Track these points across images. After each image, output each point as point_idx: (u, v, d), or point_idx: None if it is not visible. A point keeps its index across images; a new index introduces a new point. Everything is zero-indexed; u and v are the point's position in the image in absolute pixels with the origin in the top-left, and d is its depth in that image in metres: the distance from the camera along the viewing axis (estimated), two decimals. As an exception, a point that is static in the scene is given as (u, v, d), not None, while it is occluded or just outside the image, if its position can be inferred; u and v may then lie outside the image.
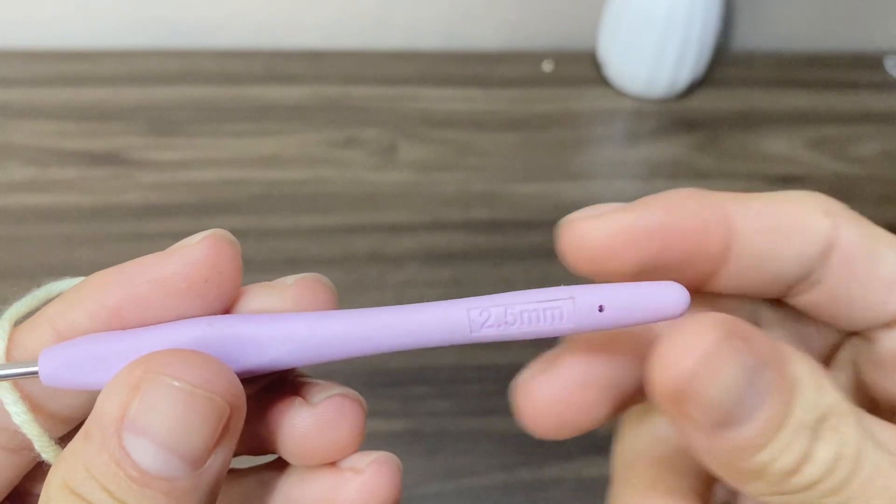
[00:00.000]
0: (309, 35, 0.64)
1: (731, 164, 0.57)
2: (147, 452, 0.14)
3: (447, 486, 0.39)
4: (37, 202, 0.50)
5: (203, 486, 0.15)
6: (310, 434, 0.17)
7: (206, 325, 0.16)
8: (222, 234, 0.16)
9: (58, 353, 0.16)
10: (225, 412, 0.15)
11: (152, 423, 0.14)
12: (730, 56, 0.66)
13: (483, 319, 0.17)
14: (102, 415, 0.14)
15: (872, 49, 0.68)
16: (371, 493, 0.17)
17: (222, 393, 0.15)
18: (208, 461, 0.15)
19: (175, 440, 0.14)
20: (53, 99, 0.57)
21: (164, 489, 0.14)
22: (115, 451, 0.14)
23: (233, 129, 0.56)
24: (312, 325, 0.16)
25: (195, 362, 0.15)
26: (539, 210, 0.52)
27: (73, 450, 0.15)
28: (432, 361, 0.43)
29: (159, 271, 0.16)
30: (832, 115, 0.61)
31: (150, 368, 0.14)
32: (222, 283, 0.16)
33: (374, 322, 0.16)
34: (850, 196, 0.55)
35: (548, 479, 0.39)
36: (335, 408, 0.17)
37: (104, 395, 0.15)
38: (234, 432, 0.15)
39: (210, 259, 0.16)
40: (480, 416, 0.42)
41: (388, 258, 0.48)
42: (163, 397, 0.14)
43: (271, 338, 0.16)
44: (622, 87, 0.61)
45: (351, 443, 0.17)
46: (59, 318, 0.17)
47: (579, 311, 0.16)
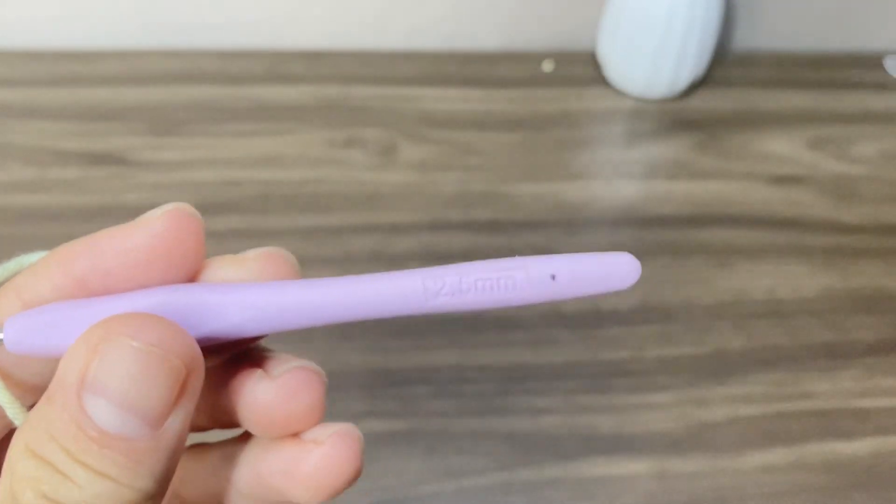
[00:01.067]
0: (309, 35, 0.64)
1: (731, 164, 0.57)
2: (106, 412, 0.14)
3: (447, 486, 0.39)
4: (37, 202, 0.50)
5: (162, 447, 0.15)
6: (270, 405, 0.17)
7: (166, 293, 0.16)
8: (184, 206, 0.17)
9: (22, 320, 0.16)
10: (181, 372, 0.15)
11: (110, 383, 0.14)
12: (730, 56, 0.66)
13: (438, 288, 0.17)
14: (64, 377, 0.15)
15: (872, 49, 0.68)
16: (331, 463, 0.17)
17: (178, 353, 0.15)
18: (167, 422, 0.15)
19: (132, 399, 0.14)
20: (53, 99, 0.57)
21: (122, 449, 0.14)
22: (75, 411, 0.14)
23: (233, 129, 0.56)
24: (271, 293, 0.17)
25: (152, 324, 0.15)
26: (539, 210, 0.52)
27: (36, 413, 0.15)
28: (432, 361, 0.44)
29: (123, 243, 0.16)
30: (832, 115, 0.61)
31: (109, 330, 0.15)
32: (185, 255, 0.17)
33: (332, 291, 0.17)
34: (850, 196, 0.55)
35: (548, 479, 0.39)
36: (295, 379, 0.17)
37: (65, 359, 0.15)
38: (191, 394, 0.15)
39: (172, 232, 0.16)
40: (480, 416, 0.41)
41: (388, 258, 0.48)
42: (120, 357, 0.15)
43: (231, 305, 0.16)
44: (622, 88, 0.61)
45: (311, 414, 0.17)
46: (25, 288, 0.17)
47: (532, 280, 0.17)
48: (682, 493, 0.39)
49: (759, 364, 0.45)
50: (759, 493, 0.40)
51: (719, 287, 0.48)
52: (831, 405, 0.43)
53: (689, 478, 0.40)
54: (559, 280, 0.17)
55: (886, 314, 0.48)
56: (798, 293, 0.48)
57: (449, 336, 0.45)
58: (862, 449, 0.42)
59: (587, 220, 0.52)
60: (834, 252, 0.51)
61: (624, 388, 0.43)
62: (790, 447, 0.41)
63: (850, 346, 0.46)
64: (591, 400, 0.43)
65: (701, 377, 0.44)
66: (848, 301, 0.48)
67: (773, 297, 0.48)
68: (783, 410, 0.43)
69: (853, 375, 0.45)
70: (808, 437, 0.42)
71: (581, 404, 0.42)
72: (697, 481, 0.40)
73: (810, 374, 0.44)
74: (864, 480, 0.40)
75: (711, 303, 0.47)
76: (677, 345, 0.45)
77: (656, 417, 0.42)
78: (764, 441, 0.41)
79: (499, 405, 0.42)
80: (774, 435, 0.42)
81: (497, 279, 0.17)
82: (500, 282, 0.17)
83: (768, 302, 0.48)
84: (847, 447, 0.42)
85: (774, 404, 0.43)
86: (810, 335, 0.46)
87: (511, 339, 0.45)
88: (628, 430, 0.42)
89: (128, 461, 0.14)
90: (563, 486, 0.39)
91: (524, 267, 0.17)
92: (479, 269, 0.17)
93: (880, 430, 0.42)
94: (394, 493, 0.38)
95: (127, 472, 0.15)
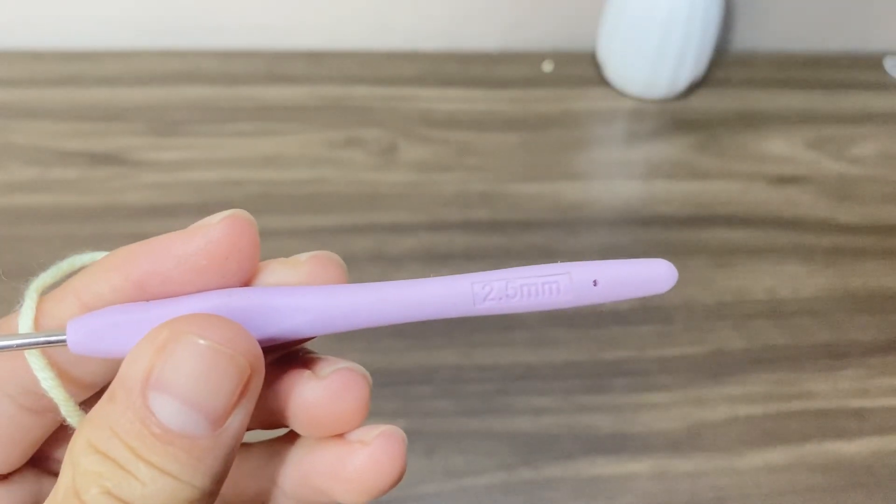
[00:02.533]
0: (309, 35, 0.64)
1: (730, 164, 0.57)
2: (171, 409, 0.15)
3: (447, 485, 0.39)
4: (38, 202, 0.50)
5: (221, 446, 0.15)
6: (319, 405, 0.18)
7: (226, 296, 0.17)
8: (241, 213, 0.17)
9: (85, 322, 0.17)
10: (246, 371, 0.15)
11: (177, 381, 0.15)
12: (730, 56, 0.66)
13: (486, 293, 0.17)
14: (128, 376, 0.15)
15: (872, 49, 0.68)
16: (378, 464, 0.18)
17: (244, 352, 0.15)
18: (227, 421, 0.15)
19: (198, 397, 0.15)
20: (54, 99, 0.57)
21: (185, 447, 0.15)
22: (140, 409, 0.15)
23: (233, 129, 0.56)
24: (326, 296, 0.17)
25: (219, 324, 0.15)
26: (539, 210, 0.52)
27: (98, 411, 0.15)
28: (432, 361, 0.44)
29: (182, 248, 0.17)
30: (832, 115, 0.61)
31: (177, 330, 0.15)
32: (241, 260, 0.17)
33: (385, 294, 0.17)
34: (850, 196, 0.55)
35: (548, 479, 0.39)
36: (342, 380, 0.18)
37: (130, 358, 0.15)
38: (252, 394, 0.16)
39: (230, 237, 0.17)
40: (480, 416, 0.42)
41: (388, 258, 0.48)
42: (188, 355, 0.15)
43: (287, 308, 0.17)
44: (622, 88, 0.61)
45: (357, 414, 0.18)
46: (84, 289, 0.17)
47: (575, 285, 0.17)
48: (682, 493, 0.39)
49: (758, 364, 0.45)
50: (758, 492, 0.40)
51: (719, 287, 0.48)
52: (831, 405, 0.43)
53: (688, 478, 0.40)
54: (601, 285, 0.18)
55: (886, 314, 0.48)
56: (798, 293, 0.49)
57: (449, 336, 0.45)
58: (861, 449, 0.42)
59: (587, 220, 0.52)
60: (833, 252, 0.51)
61: (624, 388, 0.43)
62: (790, 447, 0.41)
63: (850, 346, 0.46)
64: (591, 400, 0.43)
65: (701, 377, 0.44)
66: (847, 301, 0.48)
67: (773, 297, 0.48)
68: (783, 410, 0.43)
69: (853, 375, 0.45)
70: (808, 437, 0.42)
71: (581, 404, 0.42)
72: (697, 481, 0.40)
73: (810, 374, 0.45)
74: (864, 480, 0.40)
75: (711, 303, 0.48)
76: (677, 345, 0.45)
77: (656, 417, 0.42)
78: (764, 441, 0.42)
79: (499, 405, 0.42)
80: (774, 435, 0.42)
81: (542, 284, 0.17)
82: (545, 286, 0.18)
83: (768, 302, 0.48)
84: (847, 447, 0.42)
85: (774, 404, 0.43)
86: (810, 335, 0.46)
87: (511, 339, 0.45)
88: (628, 430, 0.42)
89: (189, 459, 0.15)
90: (563, 486, 0.39)
91: (567, 272, 0.18)
92: (525, 274, 0.18)
93: (880, 430, 0.42)
94: (394, 493, 0.38)
95: (187, 469, 0.15)
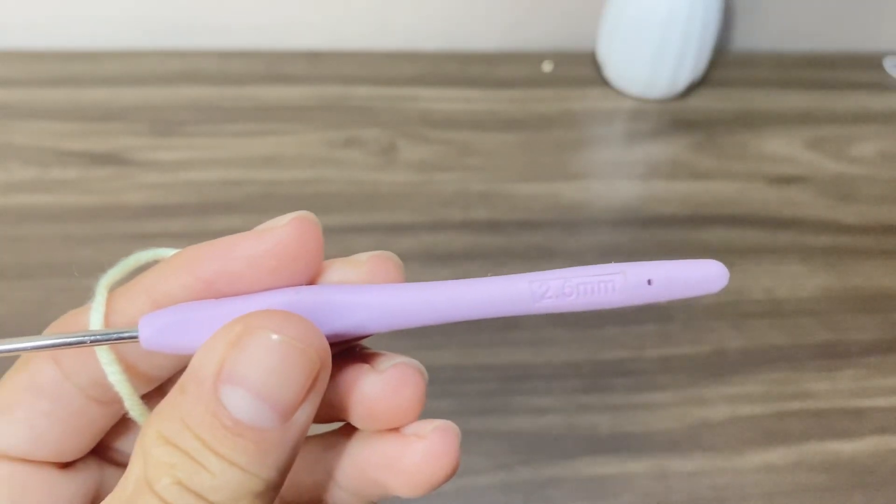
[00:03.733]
0: (309, 35, 0.64)
1: (730, 164, 0.57)
2: (242, 402, 0.15)
3: (447, 485, 0.39)
4: (38, 202, 0.50)
5: (289, 439, 0.16)
6: (378, 398, 0.18)
7: (294, 294, 0.17)
8: (308, 215, 0.18)
9: (156, 319, 0.17)
10: (316, 365, 0.16)
11: (249, 374, 0.15)
12: (730, 56, 0.66)
13: (543, 291, 0.18)
14: (200, 369, 0.15)
15: (872, 49, 0.68)
16: (434, 457, 0.18)
17: (314, 347, 0.16)
18: (296, 414, 0.16)
19: (269, 390, 0.15)
20: (54, 99, 0.57)
21: (254, 439, 0.15)
22: (211, 401, 0.15)
23: (233, 129, 0.56)
24: (389, 293, 0.18)
25: (291, 319, 0.16)
26: (539, 210, 0.52)
27: (169, 403, 0.16)
28: (432, 361, 0.44)
29: (251, 249, 0.17)
30: (832, 115, 0.61)
31: (250, 325, 0.15)
32: (308, 260, 0.18)
33: (446, 293, 0.18)
34: (849, 196, 0.55)
35: (548, 479, 0.40)
36: (400, 373, 0.18)
37: (202, 352, 0.16)
38: (320, 388, 0.16)
39: (298, 239, 0.18)
40: (480, 416, 0.42)
41: (389, 258, 0.48)
42: (261, 349, 0.15)
43: (353, 305, 0.18)
44: (622, 88, 0.61)
45: (414, 407, 0.18)
46: (154, 287, 0.18)
47: (630, 284, 0.18)
48: (681, 493, 0.39)
49: (758, 364, 0.45)
50: (758, 492, 0.40)
51: (719, 287, 0.48)
52: (830, 405, 0.43)
53: (688, 477, 0.40)
54: (655, 284, 0.18)
55: (885, 314, 0.48)
56: (797, 293, 0.49)
57: (449, 336, 0.45)
58: (861, 449, 0.42)
59: (587, 220, 0.52)
60: (833, 252, 0.51)
61: (624, 388, 0.43)
62: (790, 447, 0.41)
63: (849, 345, 0.46)
64: (591, 400, 0.43)
65: (700, 377, 0.44)
66: (847, 301, 0.48)
67: (772, 296, 0.48)
68: (783, 410, 0.43)
69: (852, 375, 0.45)
70: (808, 437, 0.42)
71: (581, 404, 0.42)
72: (697, 481, 0.40)
73: (809, 374, 0.45)
74: (864, 480, 0.40)
75: (711, 303, 0.48)
76: (677, 344, 0.45)
77: (656, 417, 0.42)
78: (764, 441, 0.42)
79: (499, 405, 0.42)
80: (774, 435, 0.42)
81: (598, 283, 0.18)
82: (601, 285, 0.18)
83: (767, 302, 0.48)
84: (846, 447, 0.42)
85: (774, 404, 0.43)
86: (809, 335, 0.46)
87: (511, 338, 0.45)
88: (628, 429, 0.42)
89: (258, 451, 0.15)
90: (563, 485, 0.39)
91: (623, 272, 0.18)
92: (582, 274, 0.18)
93: (880, 429, 0.42)
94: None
95: (256, 461, 0.15)
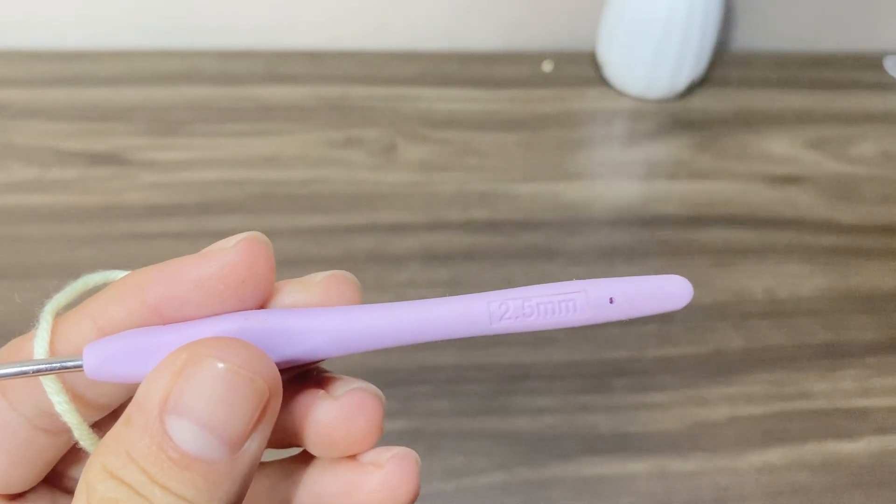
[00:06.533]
0: (309, 35, 0.64)
1: (730, 164, 0.57)
2: (188, 434, 0.15)
3: (447, 485, 0.39)
4: (37, 202, 0.50)
5: (238, 471, 0.15)
6: (332, 424, 0.18)
7: (242, 319, 0.17)
8: (257, 236, 0.17)
9: (101, 347, 0.17)
10: (265, 394, 0.15)
11: (196, 404, 0.15)
12: (730, 56, 0.66)
13: (502, 312, 0.17)
14: (145, 400, 0.15)
15: (872, 49, 0.68)
16: (392, 486, 0.18)
17: (263, 376, 0.15)
18: (245, 445, 0.15)
19: (216, 421, 0.15)
20: (54, 99, 0.57)
21: (202, 471, 0.15)
22: (157, 433, 0.15)
23: (233, 129, 0.56)
24: (343, 318, 0.17)
25: (238, 347, 0.15)
26: (539, 210, 0.52)
27: (114, 435, 0.15)
28: (432, 361, 0.44)
29: (198, 272, 0.17)
30: (832, 115, 0.61)
31: (195, 353, 0.15)
32: (257, 283, 0.17)
33: (401, 315, 0.17)
34: (850, 196, 0.55)
35: (548, 479, 0.39)
36: (356, 400, 0.18)
37: (148, 382, 0.15)
38: (270, 417, 0.16)
39: (246, 261, 0.17)
40: (480, 416, 0.42)
41: (388, 258, 0.48)
42: (207, 379, 0.15)
43: (304, 330, 0.17)
44: (622, 88, 0.61)
45: (370, 435, 0.18)
46: (99, 313, 0.17)
47: (591, 303, 0.17)
48: (681, 493, 0.39)
49: (758, 364, 0.45)
50: (758, 492, 0.40)
51: (719, 287, 0.48)
52: (831, 405, 0.43)
53: (688, 477, 0.40)
54: (617, 303, 0.17)
55: (886, 314, 0.48)
56: (797, 293, 0.49)
57: (449, 336, 0.45)
58: (861, 449, 0.42)
59: (587, 220, 0.52)
60: (833, 252, 0.51)
61: (624, 388, 0.43)
62: (790, 447, 0.41)
63: (850, 345, 0.46)
64: (591, 400, 0.43)
65: (701, 377, 0.44)
66: (847, 301, 0.48)
67: (773, 297, 0.48)
68: (783, 410, 0.43)
69: (852, 375, 0.45)
70: (808, 437, 0.42)
71: (581, 404, 0.42)
72: (697, 481, 0.40)
73: (810, 374, 0.45)
74: (864, 480, 0.40)
75: (711, 303, 0.48)
76: (677, 345, 0.45)
77: (656, 417, 0.42)
78: (763, 441, 0.42)
79: (499, 405, 0.42)
80: (774, 435, 0.42)
81: (559, 302, 0.17)
82: (561, 305, 0.18)
83: (768, 302, 0.48)
84: (846, 447, 0.42)
85: (774, 404, 0.43)
86: (810, 335, 0.46)
87: (511, 338, 0.45)
88: (628, 429, 0.42)
89: (206, 484, 0.15)
90: (563, 485, 0.39)
91: (584, 290, 0.17)
92: (541, 293, 0.18)
93: (880, 430, 0.42)
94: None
95: (204, 494, 0.15)
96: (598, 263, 0.49)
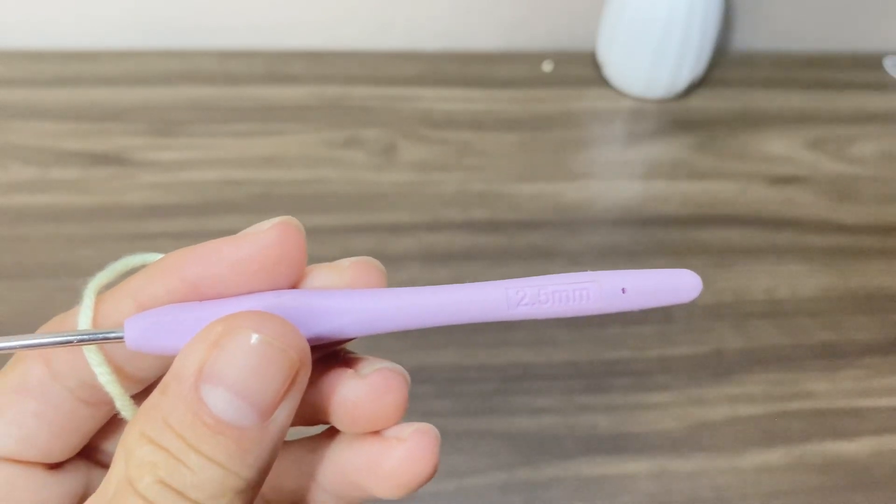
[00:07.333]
0: (309, 35, 0.64)
1: (730, 164, 0.57)
2: (222, 401, 0.15)
3: (447, 485, 0.39)
4: (37, 202, 0.50)
5: (268, 438, 0.16)
6: (360, 402, 0.18)
7: (275, 297, 0.18)
8: (291, 220, 0.18)
9: (141, 320, 0.17)
10: (295, 365, 0.16)
11: (229, 373, 0.15)
12: (730, 56, 0.66)
13: (519, 298, 0.18)
14: (182, 369, 0.16)
15: (872, 49, 0.68)
16: (414, 459, 0.18)
17: (294, 347, 0.16)
18: (275, 413, 0.16)
19: (249, 389, 0.16)
20: (54, 99, 0.57)
21: (234, 437, 0.15)
22: (192, 401, 0.15)
23: (233, 129, 0.56)
24: (369, 299, 0.18)
25: (271, 320, 0.16)
26: (539, 210, 0.52)
27: (151, 403, 0.16)
28: (432, 361, 0.44)
29: (235, 253, 0.18)
30: (832, 115, 0.61)
31: (231, 325, 0.16)
32: (290, 265, 0.18)
33: (425, 299, 0.18)
34: (849, 196, 0.55)
35: (548, 479, 0.40)
36: (383, 378, 0.19)
37: (184, 352, 0.16)
38: (299, 387, 0.17)
39: (280, 244, 0.18)
40: (480, 416, 0.42)
41: (388, 258, 0.48)
42: (241, 349, 0.16)
43: (333, 309, 0.18)
44: (622, 88, 0.61)
45: (396, 411, 0.19)
46: (139, 291, 0.18)
47: (604, 293, 0.18)
48: (681, 493, 0.39)
49: (758, 364, 0.45)
50: (758, 492, 0.40)
51: (719, 287, 0.48)
52: (830, 405, 0.43)
53: (688, 477, 0.40)
54: (629, 293, 0.18)
55: (886, 314, 0.48)
56: (797, 293, 0.49)
57: (449, 336, 0.45)
58: (861, 449, 0.42)
59: (586, 220, 0.52)
60: (833, 252, 0.51)
61: (624, 388, 0.43)
62: (789, 447, 0.41)
63: (850, 345, 0.46)
64: (591, 400, 0.43)
65: (701, 377, 0.44)
66: (847, 301, 0.48)
67: (773, 297, 0.48)
68: (782, 410, 0.43)
69: (852, 375, 0.45)
70: (808, 437, 0.42)
71: (581, 404, 0.42)
72: (697, 481, 0.40)
73: (809, 374, 0.45)
74: (864, 480, 0.40)
75: (711, 303, 0.48)
76: (677, 345, 0.45)
77: (656, 417, 0.42)
78: (763, 441, 0.42)
79: (499, 405, 0.42)
80: (773, 435, 0.42)
81: (573, 291, 0.18)
82: (575, 293, 0.18)
83: (767, 302, 0.48)
84: (846, 447, 0.42)
85: (774, 404, 0.43)
86: (809, 335, 0.46)
87: (511, 338, 0.45)
88: (628, 429, 0.42)
89: (237, 449, 0.15)
90: (563, 485, 0.39)
91: (597, 280, 0.18)
92: (557, 282, 0.18)
93: (880, 429, 0.42)
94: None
95: (235, 459, 0.15)
96: (598, 263, 0.49)
